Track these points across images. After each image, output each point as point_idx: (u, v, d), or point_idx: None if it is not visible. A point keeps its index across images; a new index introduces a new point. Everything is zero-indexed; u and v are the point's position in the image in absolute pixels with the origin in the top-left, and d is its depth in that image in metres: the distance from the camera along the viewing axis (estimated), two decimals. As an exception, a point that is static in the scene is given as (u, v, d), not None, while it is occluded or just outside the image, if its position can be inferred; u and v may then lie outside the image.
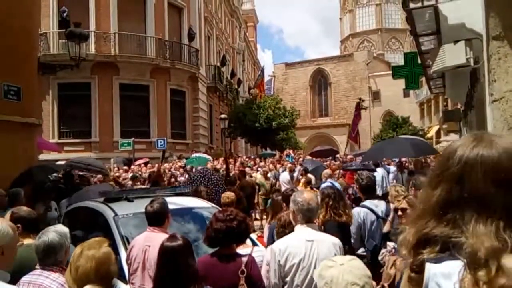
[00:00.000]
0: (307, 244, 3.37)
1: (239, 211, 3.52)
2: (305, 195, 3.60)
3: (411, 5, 4.79)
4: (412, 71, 10.87)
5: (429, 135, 39.48)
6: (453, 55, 4.62)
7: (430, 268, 1.24)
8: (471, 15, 4.39)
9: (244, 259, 3.31)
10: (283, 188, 10.63)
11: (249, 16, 56.74)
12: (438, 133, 39.36)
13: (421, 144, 11.91)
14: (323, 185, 7.94)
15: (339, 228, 4.17)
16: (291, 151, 22.49)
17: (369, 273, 2.08)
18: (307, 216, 3.49)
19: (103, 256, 2.78)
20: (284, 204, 4.82)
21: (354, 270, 2.03)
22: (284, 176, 12.84)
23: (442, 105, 41.00)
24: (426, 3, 4.74)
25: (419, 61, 10.04)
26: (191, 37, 25.47)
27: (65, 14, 17.25)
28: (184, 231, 4.78)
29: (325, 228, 4.27)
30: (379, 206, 4.93)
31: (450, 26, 4.73)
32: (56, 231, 3.17)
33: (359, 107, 20.74)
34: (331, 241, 3.48)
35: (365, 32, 76.07)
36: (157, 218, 4.05)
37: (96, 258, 2.73)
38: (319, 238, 3.44)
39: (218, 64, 32.63)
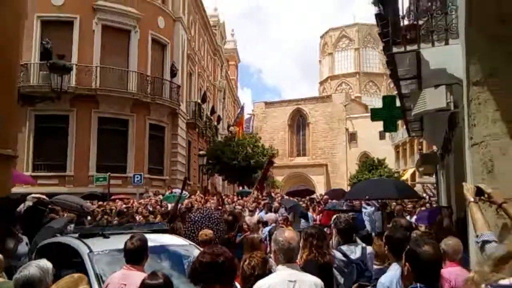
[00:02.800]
0: (290, 284, 3.31)
1: (227, 250, 3.43)
2: (286, 234, 3.56)
3: (395, 50, 4.93)
4: (390, 114, 11.07)
5: (404, 178, 39.94)
6: (433, 99, 4.74)
7: None
8: (452, 61, 4.53)
9: None
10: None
11: (231, 55, 57.64)
12: (413, 176, 39.87)
13: (405, 186, 12.05)
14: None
15: (321, 268, 4.09)
16: (271, 191, 22.42)
17: None
18: (288, 256, 3.44)
19: None
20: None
21: None
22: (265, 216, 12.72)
23: (417, 149, 41.75)
24: (408, 48, 4.88)
25: (398, 104, 10.27)
26: (173, 73, 25.63)
27: (48, 45, 17.21)
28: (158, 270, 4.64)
29: (305, 268, 4.18)
30: (355, 251, 4.87)
31: (431, 71, 4.85)
32: (38, 266, 3.04)
33: (271, 162, 21.15)
34: (313, 282, 3.43)
35: (344, 75, 77.82)
36: (136, 255, 3.93)
37: None
38: (301, 279, 3.39)
39: (199, 100, 32.79)
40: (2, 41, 8.74)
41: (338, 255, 4.70)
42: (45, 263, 3.16)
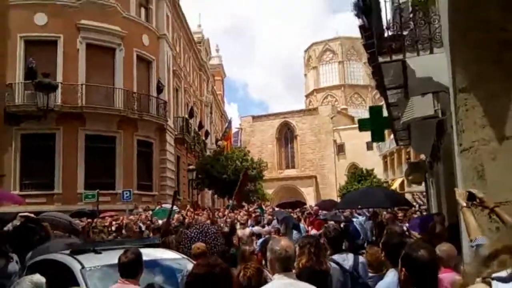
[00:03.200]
0: (286, 293, 3.30)
1: (222, 261, 3.41)
2: (282, 243, 3.55)
3: (380, 59, 5.01)
4: (377, 124, 11.19)
5: (393, 187, 40.16)
6: (421, 107, 4.82)
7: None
8: (437, 70, 4.60)
9: None
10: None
11: (217, 70, 57.84)
12: (401, 185, 40.13)
13: (396, 195, 12.14)
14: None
15: (318, 276, 4.07)
16: (262, 203, 22.41)
17: None
18: (285, 265, 3.43)
19: None
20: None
21: None
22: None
23: (405, 158, 42.08)
24: (394, 58, 4.97)
25: (386, 114, 10.38)
26: (159, 89, 25.64)
27: (32, 65, 17.15)
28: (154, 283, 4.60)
29: (302, 275, 4.15)
30: (347, 260, 4.86)
31: (417, 79, 4.93)
32: (32, 281, 3.02)
33: (246, 174, 21.25)
34: (310, 290, 3.41)
35: (329, 88, 78.48)
36: (131, 269, 3.90)
37: None
38: (298, 287, 3.38)
39: (186, 116, 32.80)
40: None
41: (331, 265, 4.70)
42: (39, 278, 3.13)
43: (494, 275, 1.46)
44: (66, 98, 21.05)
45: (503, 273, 1.43)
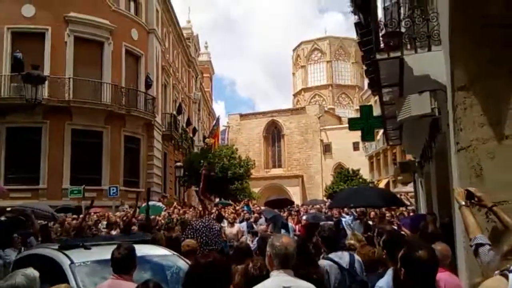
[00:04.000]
0: (284, 291, 3.24)
1: (222, 258, 3.34)
2: (283, 240, 3.50)
3: (378, 56, 4.98)
4: (368, 123, 11.19)
5: (379, 188, 40.40)
6: (418, 105, 4.81)
7: None
8: (435, 68, 4.58)
9: None
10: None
11: (205, 67, 57.61)
12: (387, 186, 40.36)
13: (389, 195, 12.11)
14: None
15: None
16: (249, 202, 22.34)
17: None
18: (284, 262, 3.37)
19: None
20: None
21: None
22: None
23: (391, 159, 42.38)
24: (392, 55, 4.94)
25: (375, 114, 10.39)
26: (148, 84, 25.42)
27: (19, 57, 16.88)
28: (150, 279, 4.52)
29: None
30: (343, 258, 4.83)
31: (414, 77, 4.91)
32: (25, 275, 2.93)
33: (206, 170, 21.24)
34: (308, 288, 3.36)
35: (317, 87, 78.70)
36: (124, 265, 3.82)
37: None
38: (296, 285, 3.32)
39: (174, 112, 32.60)
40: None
41: (328, 263, 4.65)
42: (32, 272, 3.05)
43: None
44: (53, 91, 20.76)
45: None
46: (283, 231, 11.90)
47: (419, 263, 2.91)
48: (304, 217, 14.05)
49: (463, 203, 3.31)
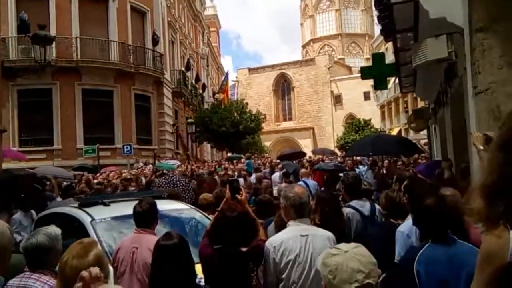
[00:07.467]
0: (302, 239, 3.29)
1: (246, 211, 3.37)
2: (296, 190, 3.52)
3: (392, 0, 4.82)
4: (380, 72, 11.00)
5: (391, 137, 40.26)
6: (435, 49, 4.67)
7: None
8: (451, 10, 4.43)
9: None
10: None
11: (212, 21, 56.57)
12: (399, 134, 40.20)
13: (407, 142, 11.98)
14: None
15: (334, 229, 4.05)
16: (252, 156, 21.89)
17: (374, 260, 2.00)
18: (300, 211, 3.41)
19: (89, 266, 2.56)
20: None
21: (359, 257, 1.96)
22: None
23: (402, 107, 41.99)
24: (406, -2, 4.78)
25: (387, 61, 10.18)
26: (155, 41, 25.11)
27: (25, 18, 16.66)
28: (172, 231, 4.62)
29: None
30: (365, 206, 4.85)
31: (429, 21, 4.77)
32: (46, 233, 2.98)
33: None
34: (326, 235, 3.40)
35: (326, 37, 77.24)
36: (146, 219, 3.89)
37: (80, 270, 2.50)
38: (313, 233, 3.37)
39: (183, 68, 32.34)
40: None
41: (350, 210, 4.69)
42: (53, 230, 3.10)
43: None
44: (60, 52, 20.59)
45: None
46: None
47: (426, 214, 2.93)
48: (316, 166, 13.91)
49: (482, 147, 3.26)
